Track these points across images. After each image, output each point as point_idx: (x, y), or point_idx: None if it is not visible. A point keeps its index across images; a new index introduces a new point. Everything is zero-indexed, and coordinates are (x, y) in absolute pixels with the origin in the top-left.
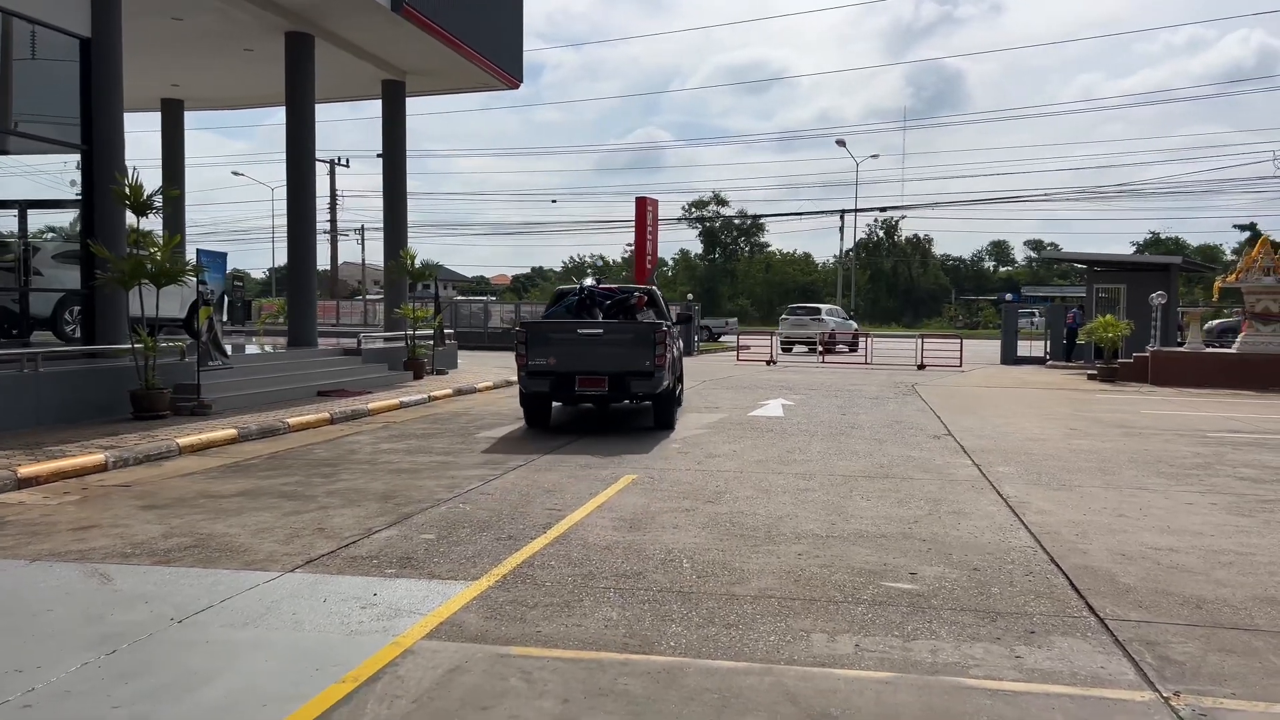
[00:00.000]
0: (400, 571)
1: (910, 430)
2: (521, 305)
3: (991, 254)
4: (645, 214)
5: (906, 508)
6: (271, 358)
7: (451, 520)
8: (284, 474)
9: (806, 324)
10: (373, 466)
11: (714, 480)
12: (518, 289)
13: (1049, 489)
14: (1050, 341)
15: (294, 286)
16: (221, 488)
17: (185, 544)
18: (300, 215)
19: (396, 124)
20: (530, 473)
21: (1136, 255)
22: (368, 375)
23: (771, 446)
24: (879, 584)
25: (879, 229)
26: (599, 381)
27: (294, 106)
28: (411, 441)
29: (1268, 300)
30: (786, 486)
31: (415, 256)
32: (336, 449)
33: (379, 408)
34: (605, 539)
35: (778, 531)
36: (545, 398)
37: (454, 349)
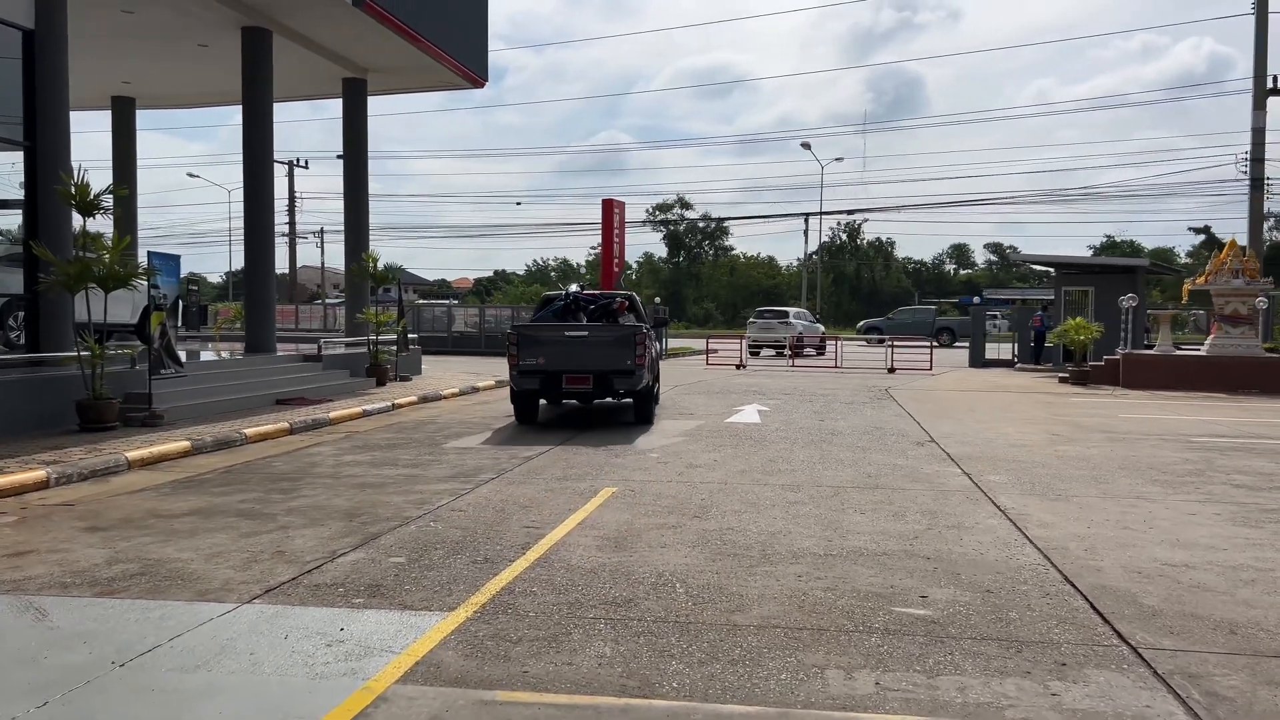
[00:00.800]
0: (369, 601)
1: (892, 437)
2: (486, 309)
3: (952, 257)
4: (612, 216)
5: (903, 522)
6: (228, 365)
7: (422, 541)
8: (241, 490)
9: (774, 327)
10: (336, 481)
11: (698, 493)
12: (480, 292)
13: (1046, 499)
14: (1018, 344)
15: (252, 290)
16: (173, 506)
17: (131, 571)
18: (258, 217)
19: (358, 123)
20: (504, 486)
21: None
22: (329, 382)
23: (753, 455)
24: (889, 609)
25: (842, 232)
26: (584, 379)
27: (251, 105)
28: (376, 453)
29: (1236, 303)
30: (775, 499)
31: (378, 259)
32: (296, 462)
33: (341, 416)
34: (590, 561)
35: (773, 550)
36: (535, 395)
37: (418, 354)
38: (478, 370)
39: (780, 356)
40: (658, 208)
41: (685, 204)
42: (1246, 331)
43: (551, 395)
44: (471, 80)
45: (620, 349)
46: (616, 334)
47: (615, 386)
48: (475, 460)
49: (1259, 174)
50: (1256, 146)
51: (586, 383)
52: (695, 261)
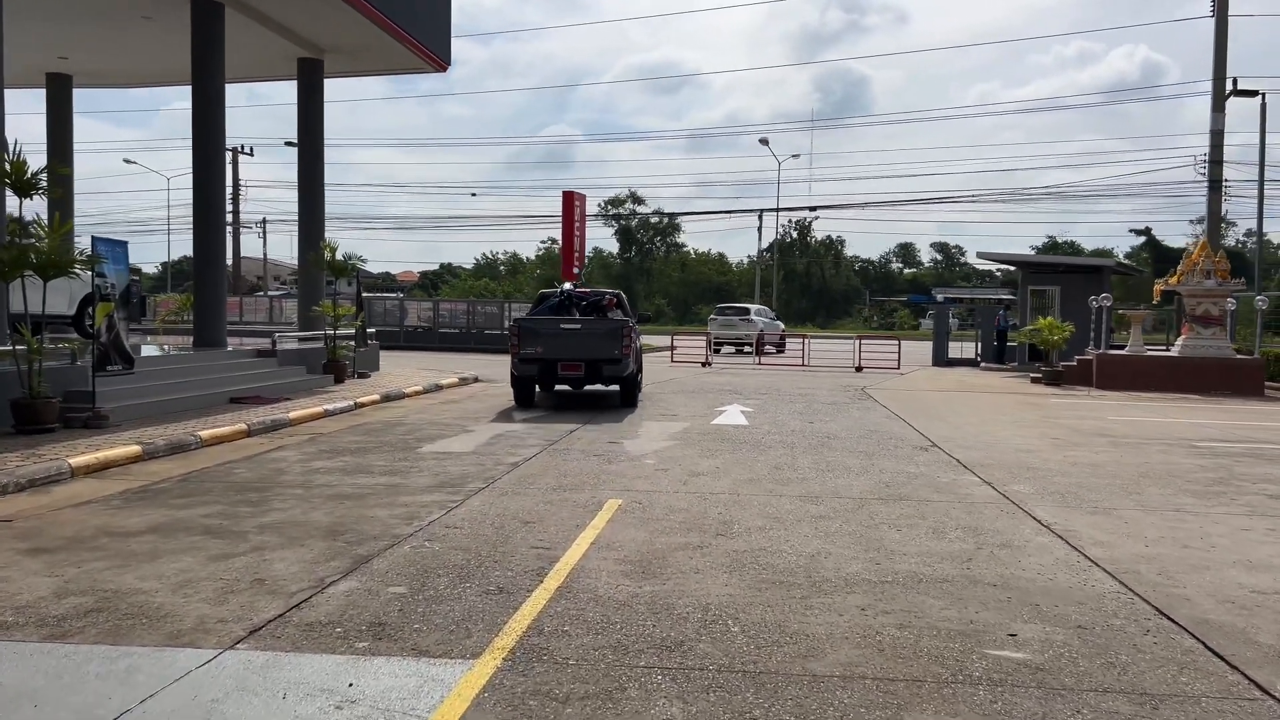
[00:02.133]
0: (375, 646)
1: (891, 441)
2: (440, 303)
3: (899, 256)
4: (573, 209)
5: (946, 540)
6: (176, 360)
7: (421, 565)
8: (203, 502)
9: (736, 324)
10: (308, 491)
11: (711, 506)
12: (426, 285)
13: (1083, 512)
14: (981, 343)
15: (201, 281)
16: (128, 522)
17: (86, 606)
18: (208, 203)
19: (314, 107)
20: (497, 498)
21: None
22: (285, 379)
23: (755, 462)
24: (981, 652)
25: (792, 230)
26: (577, 367)
27: (202, 84)
28: (346, 458)
29: (1208, 304)
30: (797, 513)
31: (336, 248)
32: (260, 468)
33: (301, 417)
34: (620, 590)
35: (819, 576)
36: (533, 380)
37: (376, 350)
38: (437, 366)
39: (742, 354)
40: (609, 202)
41: (637, 199)
42: (1218, 333)
43: (548, 380)
44: (434, 63)
45: (609, 340)
46: (606, 327)
47: (604, 373)
48: (458, 467)
49: (1217, 175)
50: (1215, 149)
51: (579, 369)
52: (646, 257)
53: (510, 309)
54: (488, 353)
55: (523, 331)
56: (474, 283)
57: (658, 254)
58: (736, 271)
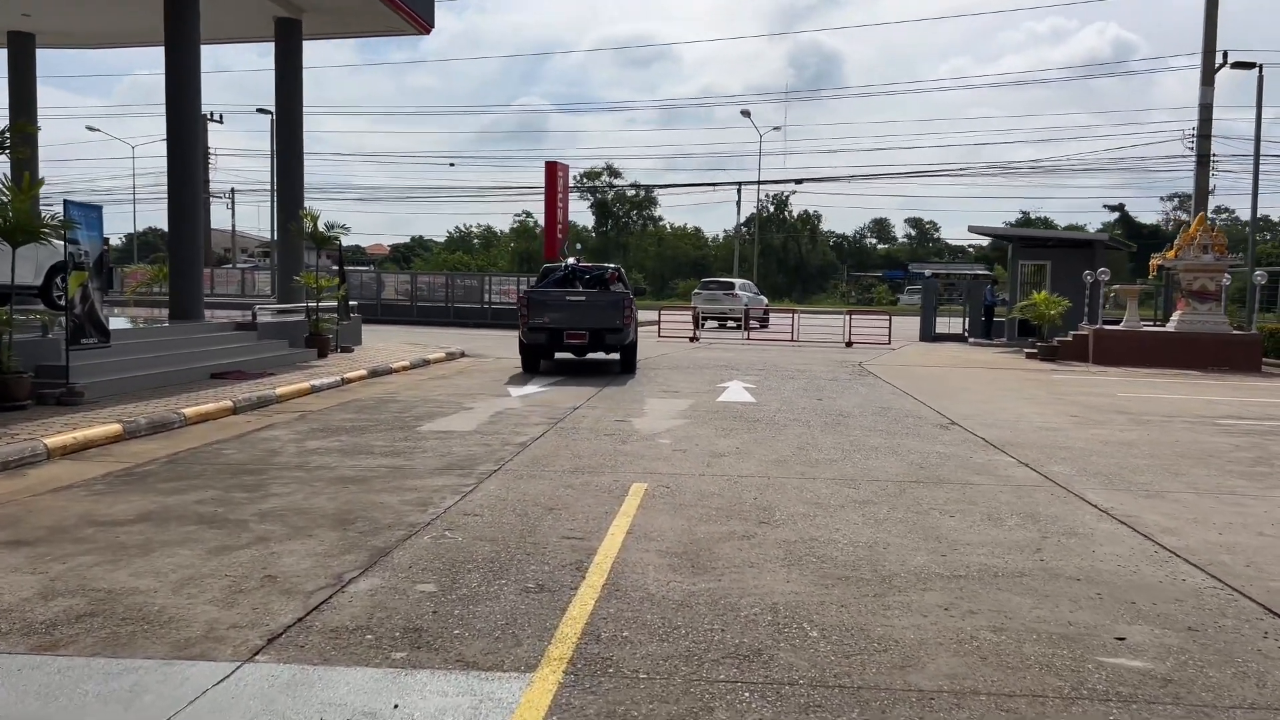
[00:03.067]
0: (415, 656)
1: (908, 419)
2: (419, 276)
3: (873, 231)
4: (556, 179)
5: (1006, 528)
6: (152, 333)
7: (448, 559)
8: (194, 486)
9: (720, 299)
10: (308, 474)
11: (744, 490)
12: (398, 259)
13: (1135, 496)
14: (969, 318)
15: (177, 251)
16: (114, 509)
17: (78, 610)
18: (184, 169)
19: (291, 70)
20: (513, 482)
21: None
22: (266, 354)
23: (775, 441)
24: (1095, 660)
25: (769, 204)
26: (582, 335)
27: (176, 43)
28: (343, 438)
29: (1204, 279)
30: (838, 498)
31: (318, 217)
32: (252, 449)
33: (288, 393)
34: (673, 588)
35: (886, 570)
36: (542, 348)
37: (359, 323)
38: (420, 341)
39: (725, 329)
40: (586, 175)
41: (614, 172)
42: (1214, 308)
43: (555, 348)
44: (417, 24)
45: (612, 311)
46: (609, 299)
47: (607, 341)
48: (462, 447)
49: (1205, 150)
50: (1204, 123)
51: (584, 338)
52: (623, 231)
53: (491, 282)
54: (468, 327)
55: (532, 303)
56: (448, 256)
57: (634, 228)
58: (713, 246)
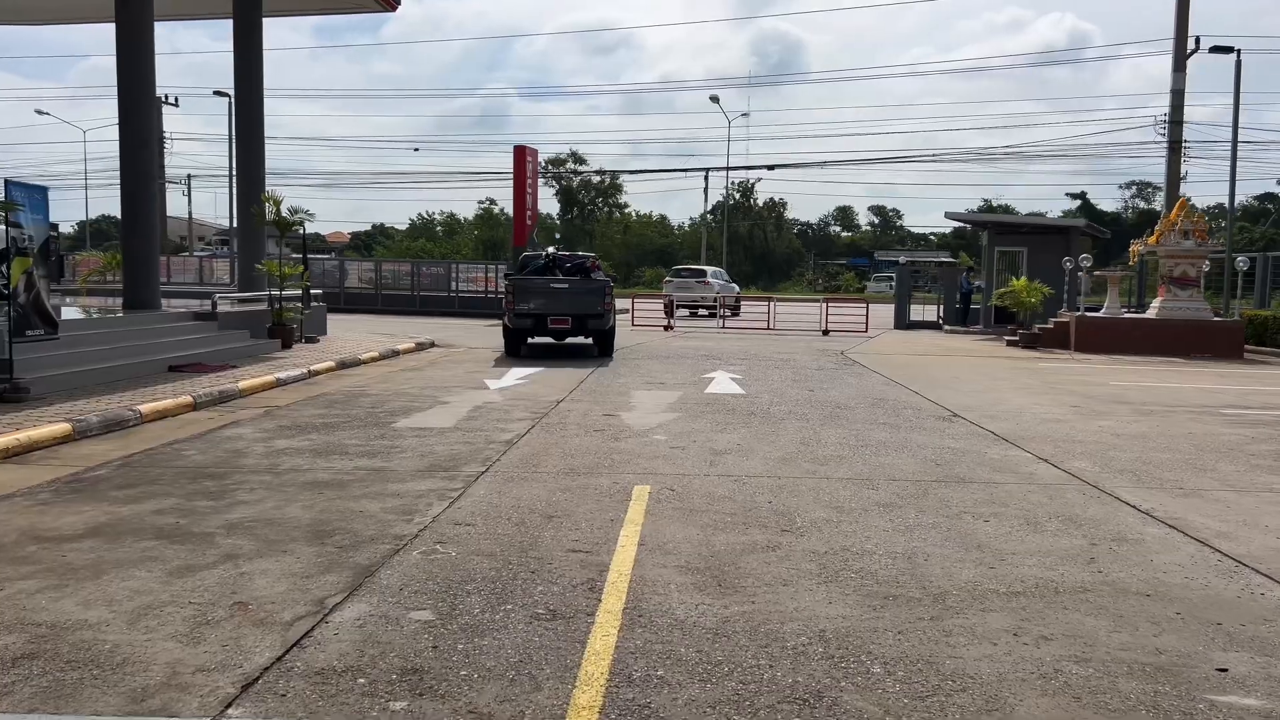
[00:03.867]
0: (418, 706)
1: (907, 410)
2: (383, 263)
3: (837, 219)
4: (525, 165)
5: (1049, 534)
6: (105, 324)
7: (443, 579)
8: (152, 494)
9: (693, 287)
10: (277, 478)
11: (756, 492)
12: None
13: (1170, 494)
14: (944, 305)
15: (132, 236)
16: (61, 522)
17: (14, 651)
18: (137, 148)
19: (250, 46)
20: (501, 485)
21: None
22: (227, 345)
23: (776, 437)
24: (1205, 698)
25: (735, 192)
26: (565, 321)
27: (128, 20)
28: (313, 436)
29: (1185, 265)
30: (859, 501)
31: (281, 201)
32: (215, 449)
33: (252, 387)
34: (704, 612)
35: (935, 586)
36: (527, 332)
37: (323, 312)
38: (387, 330)
39: (697, 316)
40: (550, 162)
41: (579, 159)
42: (1194, 294)
43: (539, 332)
44: (384, 1)
45: (594, 297)
46: (591, 286)
47: (589, 326)
48: (444, 446)
49: (1177, 136)
50: (1175, 109)
51: (567, 323)
52: (588, 219)
53: (458, 270)
54: (435, 315)
55: (518, 289)
56: (410, 243)
57: (600, 215)
58: (679, 234)
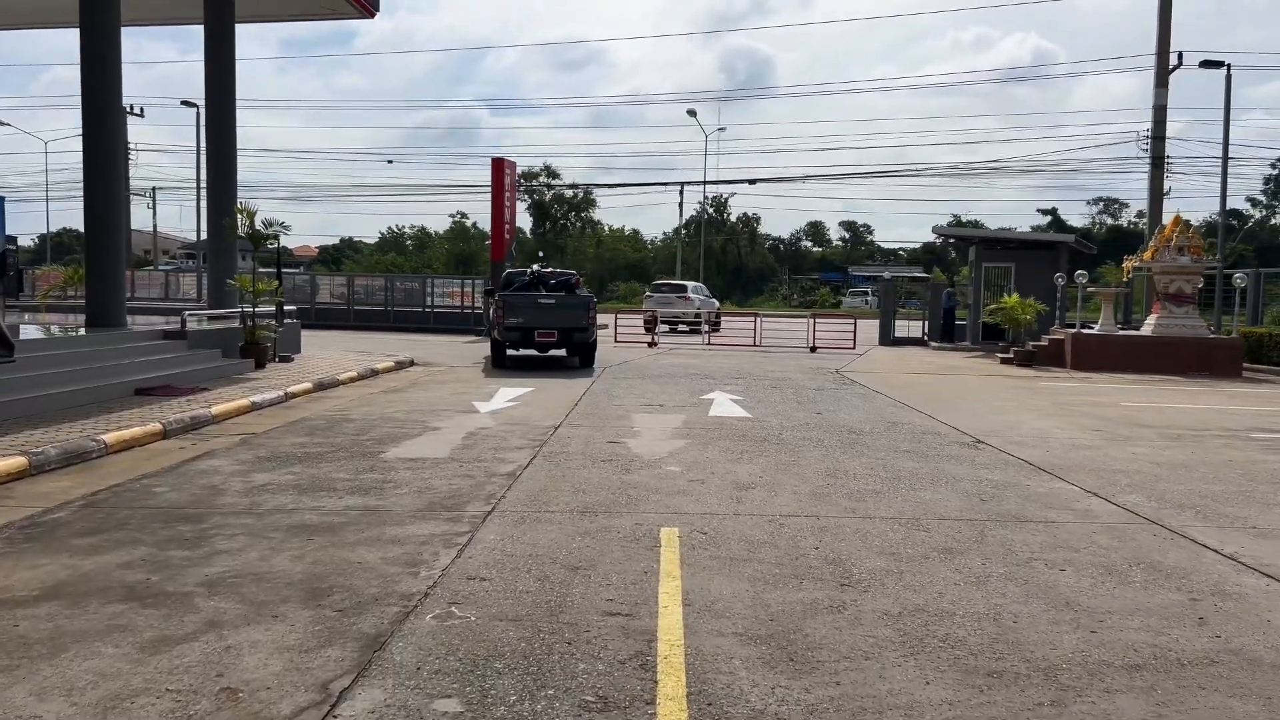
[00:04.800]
0: None
1: (927, 436)
2: (355, 278)
3: (808, 234)
4: (503, 177)
5: (1135, 586)
6: (67, 343)
7: (465, 653)
8: (119, 542)
9: (673, 302)
10: (260, 521)
11: (797, 535)
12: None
13: (1245, 534)
14: (929, 322)
15: (95, 249)
16: (13, 580)
17: None
18: (102, 157)
19: (223, 54)
20: (512, 528)
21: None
22: (198, 365)
23: (799, 467)
24: None
25: (709, 206)
26: (551, 334)
27: (93, 23)
28: (296, 469)
29: (1181, 281)
30: (914, 545)
31: (255, 213)
32: (189, 485)
33: (226, 412)
34: (784, 701)
35: (1039, 658)
36: (514, 344)
37: (297, 330)
38: (362, 348)
39: (675, 332)
40: (523, 176)
41: (552, 173)
42: (1190, 311)
43: (525, 344)
44: (360, 6)
45: (578, 312)
46: (576, 301)
47: (574, 339)
48: (442, 480)
49: (1160, 152)
50: (1158, 125)
51: (553, 336)
52: (561, 234)
53: (433, 285)
54: (410, 332)
55: (508, 304)
56: (380, 258)
57: (573, 230)
58: (651, 249)
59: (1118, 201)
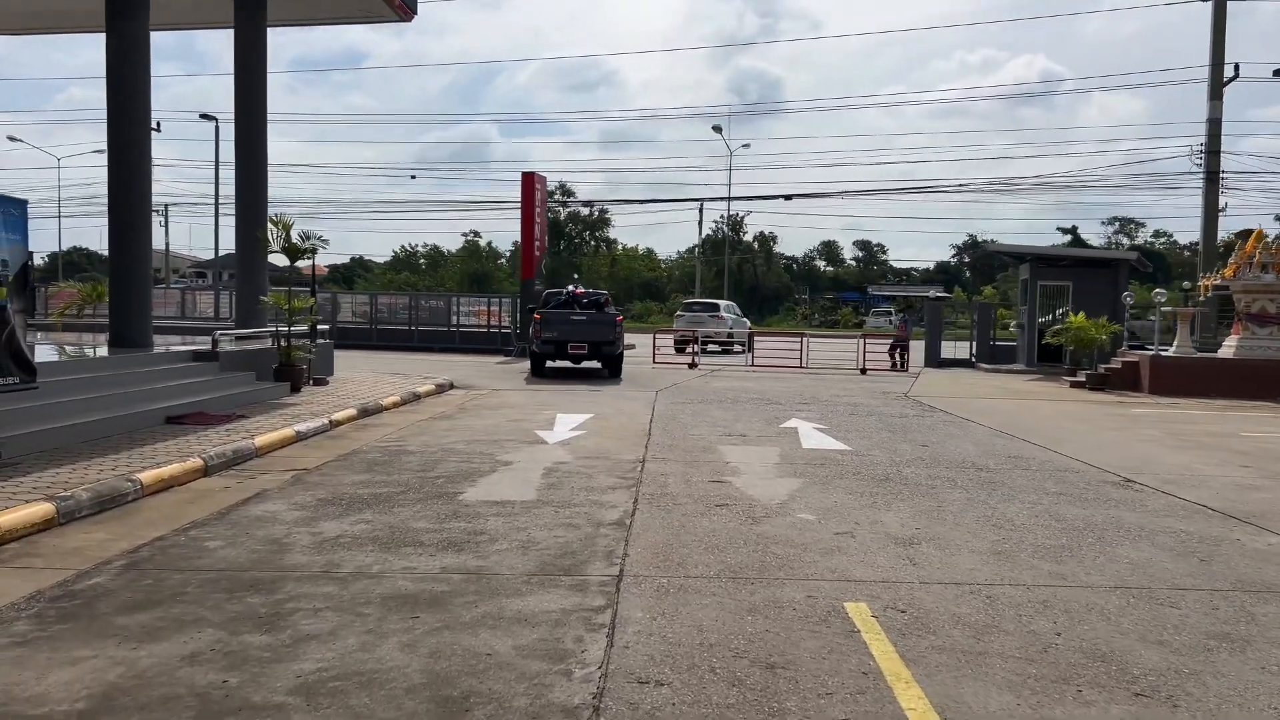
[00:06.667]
0: None
1: (1067, 475)
2: (379, 297)
3: (822, 254)
4: (534, 192)
5: None
6: (90, 366)
7: None
8: (177, 621)
9: (705, 321)
10: (344, 589)
11: (1021, 615)
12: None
13: None
14: (977, 343)
15: (121, 264)
16: (45, 685)
17: None
18: (129, 171)
19: (254, 59)
20: (657, 600)
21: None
22: (231, 390)
23: (947, 514)
24: None
25: (724, 225)
26: (582, 347)
27: (120, 26)
28: (367, 515)
29: (1264, 300)
30: (1179, 631)
31: (291, 225)
32: (245, 537)
33: (269, 443)
34: None
35: None
36: (550, 355)
37: (330, 350)
38: (394, 369)
39: (707, 353)
40: None
41: (567, 192)
42: (1275, 332)
43: (560, 356)
44: (399, 10)
45: (607, 328)
46: (604, 318)
47: (603, 352)
48: (540, 529)
49: (1214, 166)
50: (1212, 139)
51: (584, 349)
52: (575, 252)
53: (459, 304)
54: (435, 352)
55: (545, 320)
56: (393, 276)
57: (588, 249)
58: (665, 267)
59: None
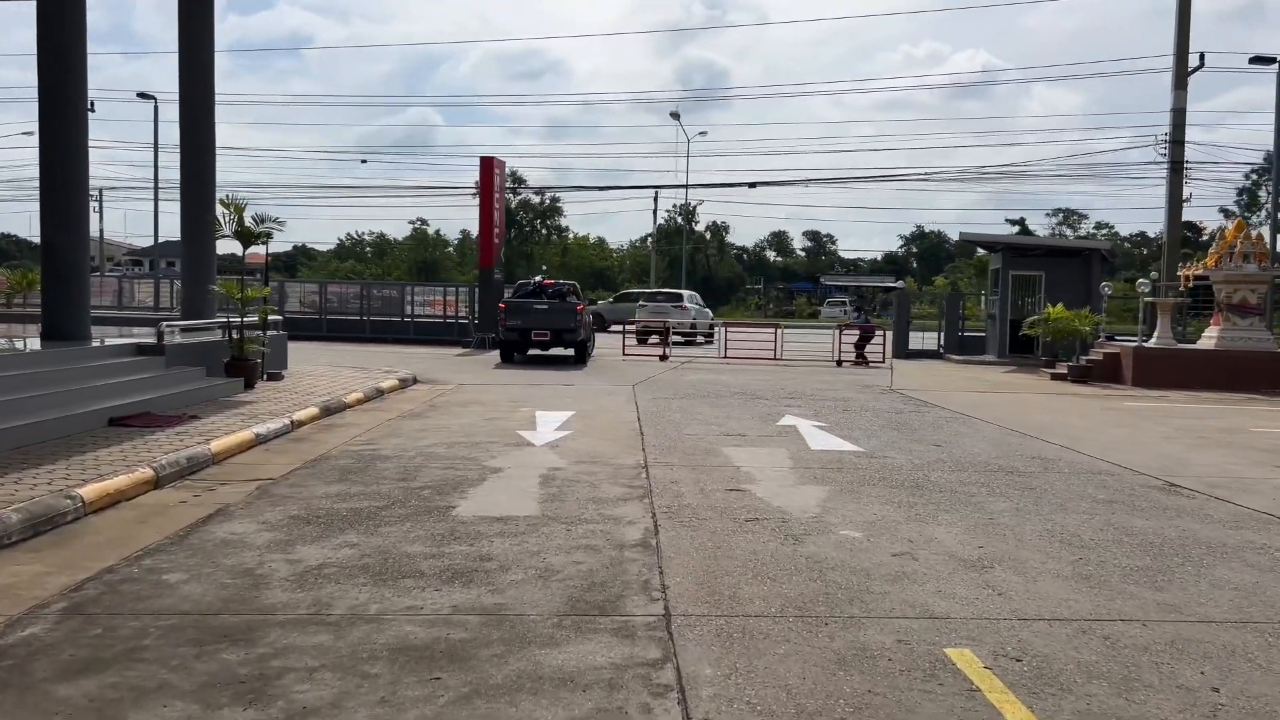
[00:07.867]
0: None
1: (1101, 478)
2: (328, 285)
3: (772, 244)
4: (492, 178)
5: None
6: (20, 361)
7: None
8: (136, 690)
9: (669, 312)
10: (341, 640)
11: (1161, 666)
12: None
13: None
14: (945, 334)
15: (55, 251)
16: None
17: None
18: (63, 152)
19: (198, 26)
20: (725, 652)
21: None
22: (180, 387)
23: (1000, 528)
24: None
25: (677, 215)
26: (545, 334)
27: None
28: (351, 538)
29: (1245, 290)
30: None
31: (243, 208)
32: (211, 567)
33: (227, 449)
34: None
35: None
36: (516, 343)
37: (284, 343)
38: (352, 362)
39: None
40: None
41: (518, 179)
42: (1256, 323)
43: (525, 343)
44: None
45: (568, 315)
46: (565, 307)
47: (565, 339)
48: (556, 553)
49: (1178, 156)
50: (1176, 128)
51: (547, 336)
52: (527, 241)
53: (413, 293)
54: (389, 343)
55: (510, 309)
56: (339, 265)
57: (539, 237)
58: (617, 256)
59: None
